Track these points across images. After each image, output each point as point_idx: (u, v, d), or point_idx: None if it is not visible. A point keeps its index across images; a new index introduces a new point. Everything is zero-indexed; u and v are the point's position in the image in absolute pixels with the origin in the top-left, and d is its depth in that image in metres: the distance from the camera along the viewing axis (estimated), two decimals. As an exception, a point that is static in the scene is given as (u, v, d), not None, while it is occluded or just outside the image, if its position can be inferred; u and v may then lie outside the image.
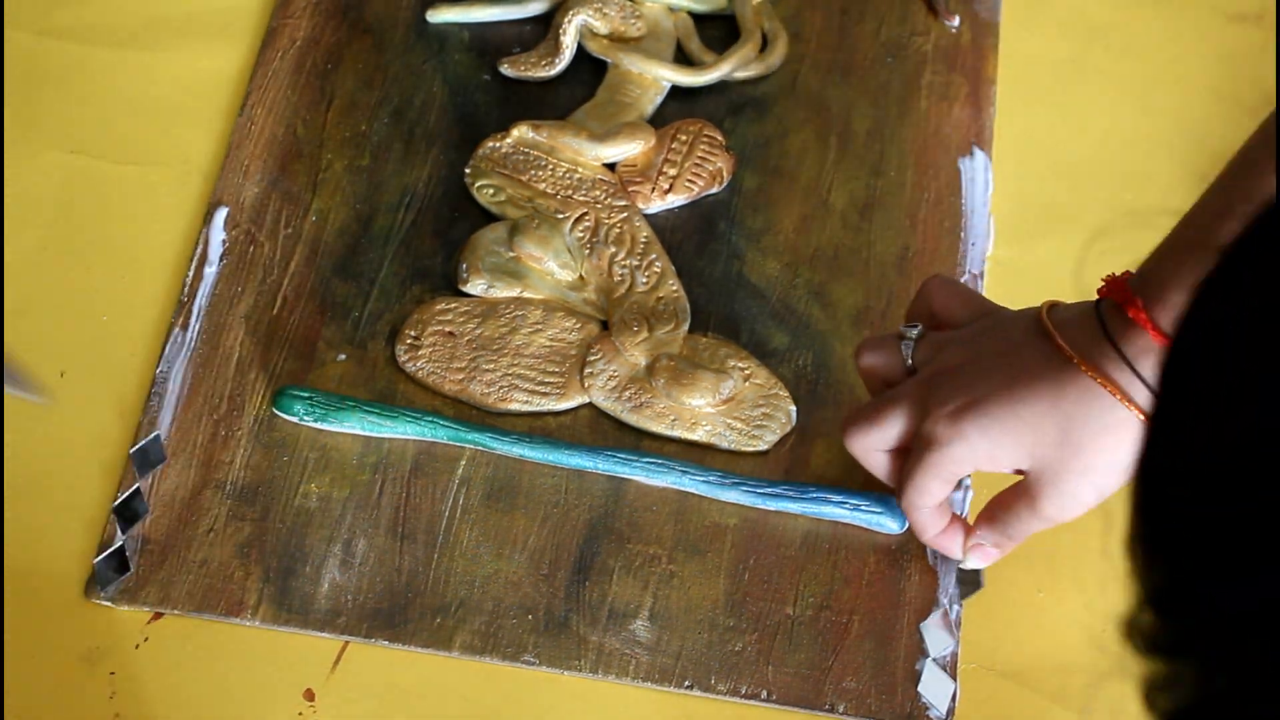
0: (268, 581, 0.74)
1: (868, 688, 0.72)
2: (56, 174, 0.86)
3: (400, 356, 0.80)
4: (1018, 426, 0.66)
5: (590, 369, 0.79)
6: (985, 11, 0.92)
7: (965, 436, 0.67)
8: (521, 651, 0.73)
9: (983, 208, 0.85)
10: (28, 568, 0.75)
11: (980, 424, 0.66)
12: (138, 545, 0.75)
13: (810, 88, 0.90)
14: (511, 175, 0.86)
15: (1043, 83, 0.91)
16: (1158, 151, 0.89)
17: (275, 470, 0.77)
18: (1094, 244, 0.85)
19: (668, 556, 0.75)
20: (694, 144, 0.87)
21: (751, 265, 0.84)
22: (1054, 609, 0.74)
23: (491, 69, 0.90)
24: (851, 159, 0.87)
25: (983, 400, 0.66)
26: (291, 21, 0.91)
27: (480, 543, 0.75)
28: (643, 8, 0.92)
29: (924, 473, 0.69)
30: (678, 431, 0.78)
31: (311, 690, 0.72)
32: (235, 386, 0.79)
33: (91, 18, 0.92)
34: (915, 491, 0.70)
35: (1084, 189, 0.87)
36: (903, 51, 0.91)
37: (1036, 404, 0.65)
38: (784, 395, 0.79)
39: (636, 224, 0.84)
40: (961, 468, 0.68)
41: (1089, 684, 0.73)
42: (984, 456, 0.67)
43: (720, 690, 0.72)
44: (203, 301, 0.81)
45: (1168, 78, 0.91)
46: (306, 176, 0.86)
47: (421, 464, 0.77)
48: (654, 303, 0.82)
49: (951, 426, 0.67)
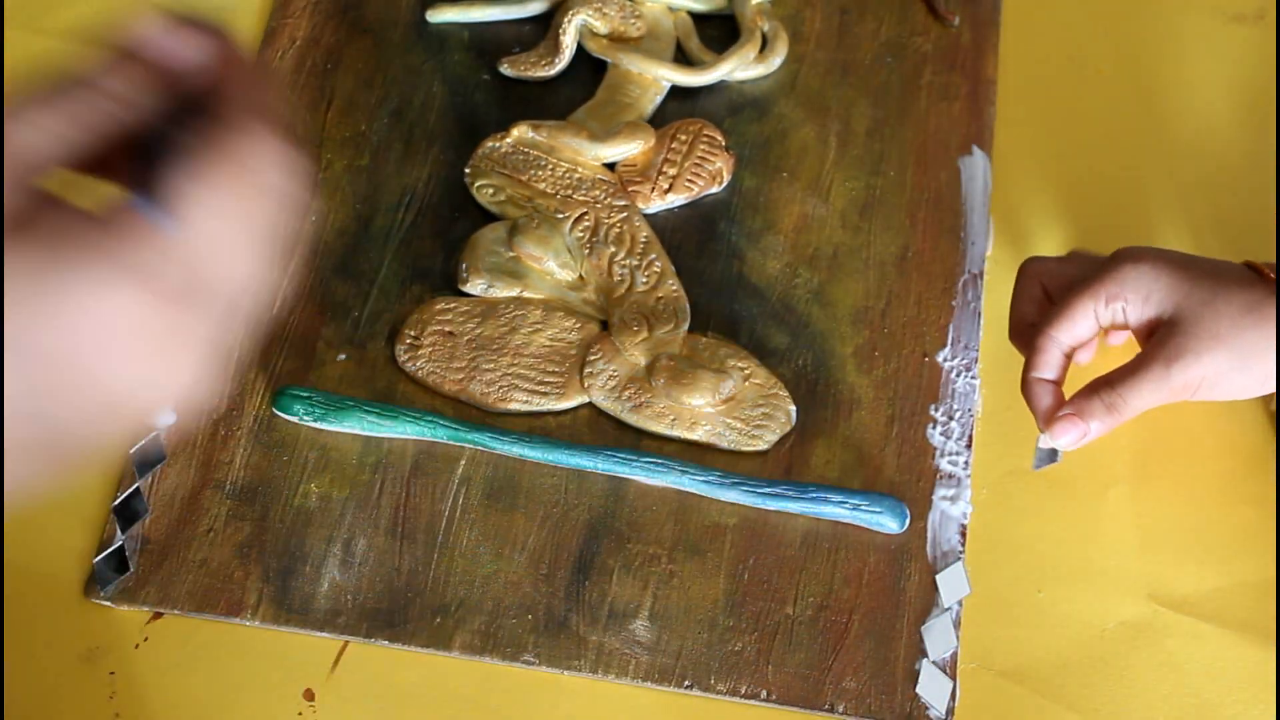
0: (267, 581, 0.74)
1: (867, 688, 0.72)
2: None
3: (400, 356, 0.80)
4: (1183, 274, 0.71)
5: (590, 369, 0.80)
6: (985, 11, 0.92)
7: (1139, 262, 0.71)
8: (521, 651, 0.73)
9: (982, 208, 0.85)
10: (28, 567, 0.75)
11: (1155, 261, 0.71)
12: (137, 545, 0.75)
13: (810, 88, 0.90)
14: (511, 175, 0.86)
15: (1043, 83, 0.91)
16: (1157, 151, 0.89)
17: (275, 470, 0.77)
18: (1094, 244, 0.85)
19: (668, 556, 0.75)
20: (694, 144, 0.87)
21: (751, 265, 0.84)
22: (1054, 609, 0.74)
23: (491, 69, 0.90)
24: (851, 159, 0.87)
25: (1166, 254, 0.72)
26: (291, 21, 0.91)
27: (480, 542, 0.75)
28: (643, 8, 0.92)
29: (1083, 291, 0.72)
30: (677, 431, 0.78)
31: (311, 690, 0.72)
32: (235, 386, 0.79)
33: (91, 18, 0.92)
34: (1064, 313, 0.72)
35: (1084, 189, 0.87)
36: (903, 51, 0.91)
37: (1209, 271, 0.71)
38: (784, 395, 0.79)
39: (636, 224, 0.84)
40: (1120, 294, 0.71)
41: (1089, 684, 0.73)
42: (1144, 288, 0.71)
43: (720, 690, 0.72)
44: (202, 301, 0.81)
45: (1167, 78, 0.91)
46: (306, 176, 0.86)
47: (421, 464, 0.77)
48: (654, 302, 0.82)
49: (1132, 254, 0.72)
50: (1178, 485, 0.78)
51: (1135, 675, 0.73)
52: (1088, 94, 0.91)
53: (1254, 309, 0.69)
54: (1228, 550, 0.76)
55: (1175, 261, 0.71)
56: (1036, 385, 0.72)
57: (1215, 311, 0.69)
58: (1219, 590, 0.75)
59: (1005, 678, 0.73)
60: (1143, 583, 0.75)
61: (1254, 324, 0.69)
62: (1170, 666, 0.73)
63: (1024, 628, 0.74)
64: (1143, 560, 0.76)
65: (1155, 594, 0.75)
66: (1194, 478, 0.78)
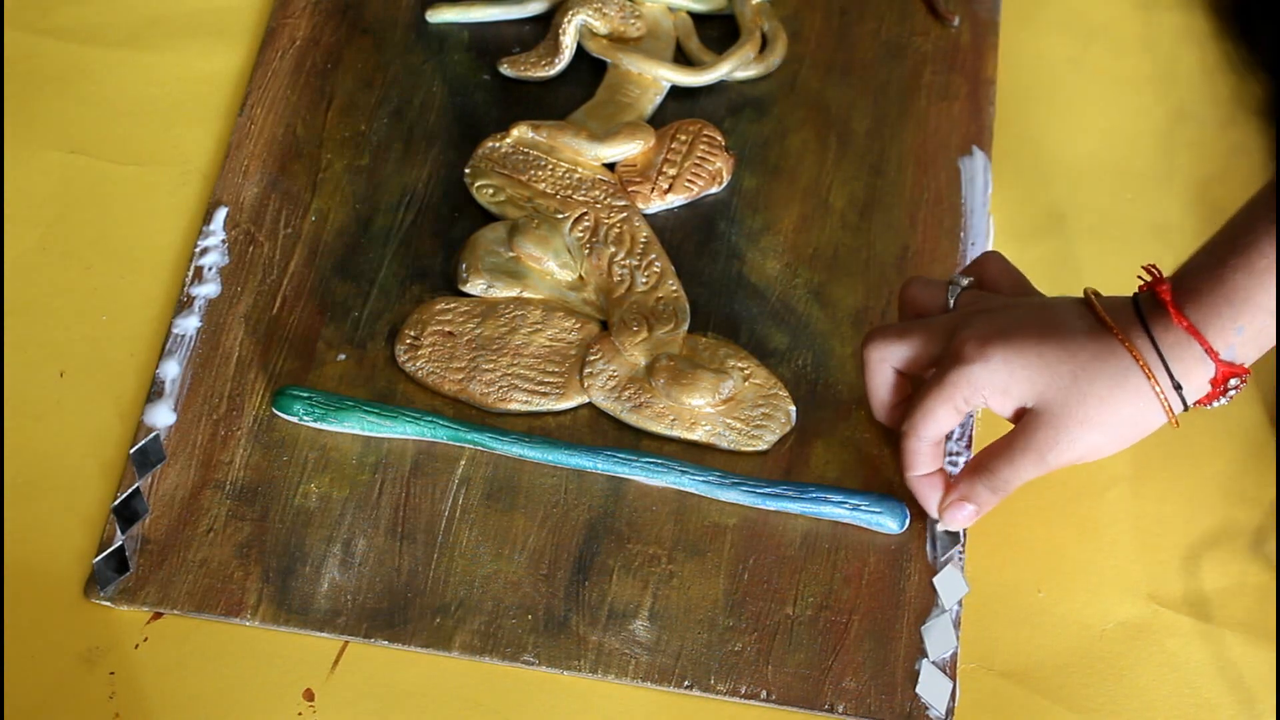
0: (267, 581, 0.74)
1: (867, 688, 0.72)
2: (56, 174, 0.86)
3: (400, 356, 0.80)
4: (1037, 363, 0.69)
5: (590, 369, 0.80)
6: (985, 11, 0.92)
7: (988, 359, 0.70)
8: (521, 651, 0.73)
9: (982, 208, 0.85)
10: (28, 567, 0.75)
11: (1005, 352, 0.69)
12: (137, 545, 0.75)
13: (810, 88, 0.90)
14: (511, 175, 0.86)
15: (1043, 83, 0.91)
16: (1157, 151, 0.89)
17: (275, 470, 0.77)
18: (1093, 244, 0.85)
19: (667, 556, 0.75)
20: (693, 144, 0.87)
21: (751, 265, 0.84)
22: (1054, 609, 0.74)
23: (491, 69, 0.90)
24: (851, 159, 0.87)
25: (1011, 332, 0.70)
26: (291, 21, 0.91)
27: (480, 543, 0.75)
28: (642, 8, 0.92)
29: (937, 394, 0.71)
30: (677, 431, 0.78)
31: (311, 690, 0.72)
32: (235, 386, 0.79)
33: (91, 18, 0.92)
34: (923, 416, 0.72)
35: (1084, 189, 0.87)
36: (902, 51, 0.91)
37: (1060, 348, 0.69)
38: (784, 395, 0.79)
39: (636, 224, 0.84)
40: (975, 394, 0.70)
41: (1089, 684, 0.73)
42: (999, 384, 0.70)
43: (720, 690, 0.72)
44: (202, 301, 0.82)
45: (1167, 78, 0.91)
46: (306, 176, 0.86)
47: (421, 464, 0.77)
48: (653, 303, 0.82)
49: (978, 348, 0.70)
50: (1177, 485, 0.78)
51: (1135, 675, 0.73)
52: (1088, 94, 0.91)
53: (1119, 383, 0.68)
54: (1228, 550, 0.76)
55: (1024, 347, 0.69)
56: (918, 482, 0.74)
57: (1080, 395, 0.69)
58: (1219, 590, 0.75)
59: (1005, 678, 0.73)
60: (1143, 583, 0.75)
61: (1122, 399, 0.68)
62: (1170, 666, 0.73)
63: (1024, 628, 0.74)
64: (1143, 560, 0.76)
65: (1155, 594, 0.75)
66: (1194, 478, 0.78)
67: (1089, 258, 0.85)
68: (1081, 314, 0.70)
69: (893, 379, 0.74)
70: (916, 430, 0.72)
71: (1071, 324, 0.70)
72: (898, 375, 0.74)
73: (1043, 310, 0.71)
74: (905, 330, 0.73)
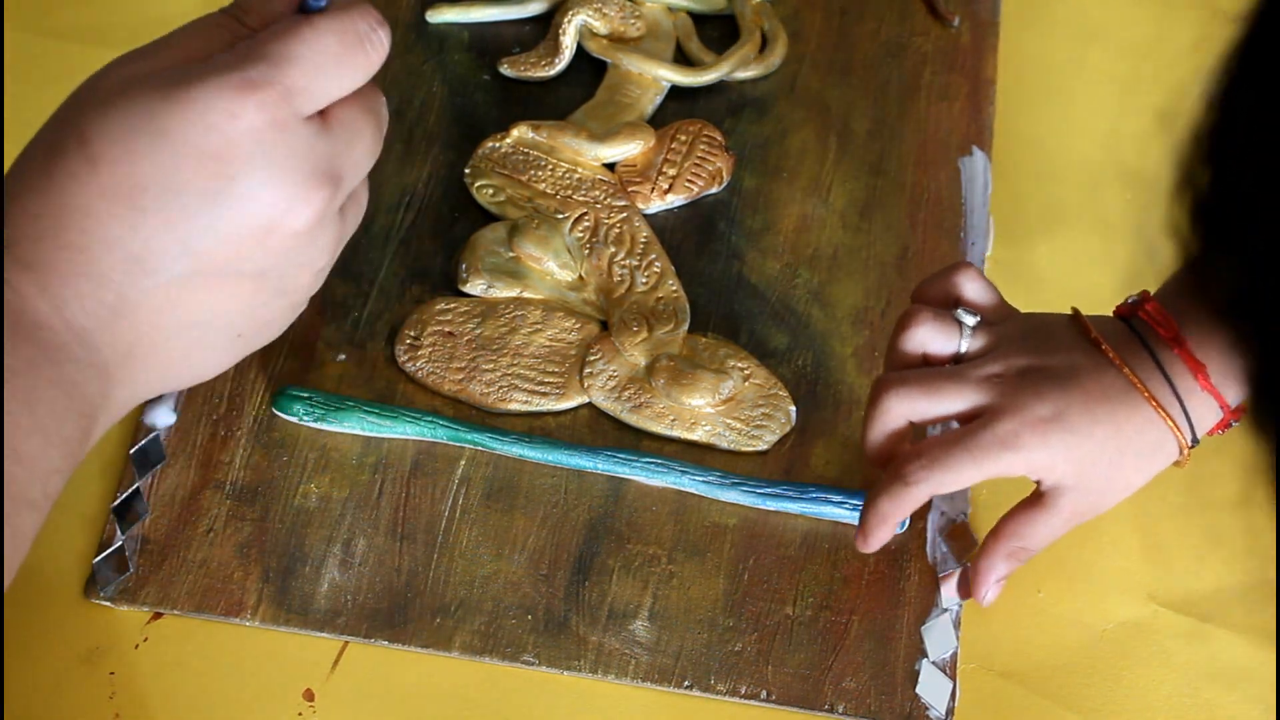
0: (267, 581, 0.74)
1: (867, 688, 0.72)
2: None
3: (400, 356, 0.80)
4: (1088, 444, 0.69)
5: (590, 369, 0.80)
6: (985, 11, 0.92)
7: (1049, 445, 0.69)
8: (521, 651, 0.73)
9: (982, 208, 0.85)
10: (28, 568, 0.74)
11: (1065, 438, 0.69)
12: (137, 545, 0.75)
13: (810, 88, 0.90)
14: (511, 175, 0.86)
15: (1043, 83, 0.91)
16: (1158, 152, 0.89)
17: (275, 470, 0.77)
18: (1093, 244, 0.85)
19: (667, 556, 0.75)
20: (693, 144, 0.87)
21: (751, 265, 0.84)
22: (1054, 609, 0.74)
23: (491, 69, 0.90)
24: (851, 159, 0.87)
25: (1066, 416, 0.69)
26: (291, 21, 0.91)
27: (480, 543, 0.75)
28: (642, 8, 0.92)
29: (971, 458, 0.69)
30: (677, 431, 0.78)
31: (311, 690, 0.72)
32: (235, 386, 0.79)
33: (91, 18, 0.92)
34: (945, 471, 0.69)
35: (1084, 189, 0.87)
36: (902, 51, 0.91)
37: (1108, 426, 0.69)
38: (784, 395, 0.79)
39: (636, 224, 0.84)
40: (1016, 469, 0.69)
41: (1089, 684, 0.73)
42: (1047, 463, 0.69)
43: (720, 690, 0.72)
44: (202, 301, 0.81)
45: (1167, 78, 0.91)
46: (306, 176, 0.86)
47: (421, 464, 0.77)
48: (653, 303, 0.82)
49: (1038, 435, 0.68)
50: (1178, 485, 0.77)
51: (1135, 675, 0.73)
52: (1088, 94, 0.91)
53: (1155, 450, 0.70)
54: (1228, 550, 0.76)
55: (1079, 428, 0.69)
56: (884, 527, 0.72)
57: (1122, 467, 0.70)
58: (1219, 590, 0.75)
59: (1005, 678, 0.73)
60: (1143, 583, 0.75)
61: (1153, 463, 0.70)
62: (1170, 666, 0.73)
63: (1024, 628, 0.74)
64: (1143, 560, 0.76)
65: (1155, 594, 0.75)
66: (1194, 478, 0.78)
67: (1089, 258, 0.85)
68: (1114, 376, 0.70)
69: (903, 428, 0.72)
70: (932, 482, 0.69)
71: (1112, 395, 0.69)
72: (906, 425, 0.72)
73: (1074, 369, 0.70)
74: (930, 385, 0.71)
